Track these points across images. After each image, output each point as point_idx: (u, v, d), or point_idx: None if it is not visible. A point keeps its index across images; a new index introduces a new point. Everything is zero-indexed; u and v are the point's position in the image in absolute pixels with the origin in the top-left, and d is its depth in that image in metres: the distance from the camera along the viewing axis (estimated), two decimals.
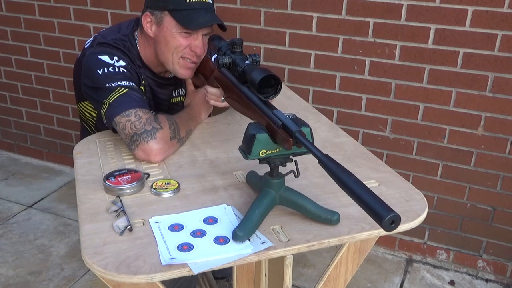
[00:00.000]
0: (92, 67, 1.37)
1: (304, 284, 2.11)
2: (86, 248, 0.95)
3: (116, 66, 1.38)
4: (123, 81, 1.35)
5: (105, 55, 1.39)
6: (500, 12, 1.78)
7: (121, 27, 1.51)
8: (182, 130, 1.37)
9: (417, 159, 2.11)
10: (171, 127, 1.32)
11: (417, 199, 1.15)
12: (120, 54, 1.42)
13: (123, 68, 1.38)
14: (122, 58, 1.40)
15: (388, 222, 0.71)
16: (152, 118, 1.30)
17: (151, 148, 1.26)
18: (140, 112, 1.29)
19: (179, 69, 1.45)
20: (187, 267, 0.90)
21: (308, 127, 1.00)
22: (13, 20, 2.71)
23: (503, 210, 2.05)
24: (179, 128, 1.35)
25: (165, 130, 1.29)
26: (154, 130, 1.27)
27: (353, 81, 2.09)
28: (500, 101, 1.89)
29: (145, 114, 1.30)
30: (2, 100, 3.01)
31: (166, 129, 1.30)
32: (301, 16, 2.08)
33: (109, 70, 1.36)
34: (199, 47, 1.41)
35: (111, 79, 1.34)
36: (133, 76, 1.41)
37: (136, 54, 1.48)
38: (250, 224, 0.99)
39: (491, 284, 2.14)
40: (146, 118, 1.28)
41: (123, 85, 1.34)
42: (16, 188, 2.77)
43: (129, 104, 1.30)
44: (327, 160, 0.84)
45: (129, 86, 1.34)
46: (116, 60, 1.39)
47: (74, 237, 2.35)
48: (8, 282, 2.06)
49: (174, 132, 1.32)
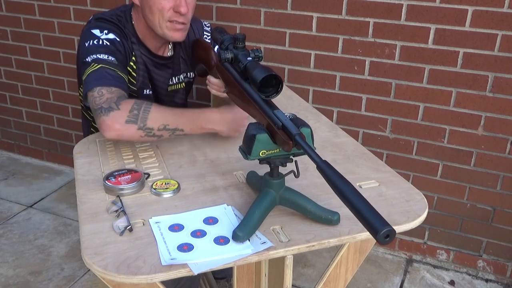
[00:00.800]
0: (82, 40, 1.42)
1: (304, 284, 2.11)
2: (86, 248, 0.95)
3: (102, 39, 1.39)
4: (101, 55, 1.35)
5: (96, 28, 1.41)
6: (500, 12, 1.78)
7: (120, 7, 1.54)
8: (155, 122, 1.26)
9: (417, 159, 2.11)
10: (132, 111, 1.25)
11: (417, 199, 1.15)
12: (113, 27, 1.43)
13: (109, 41, 1.39)
14: (112, 31, 1.42)
15: (383, 236, 0.71)
16: (114, 99, 1.27)
17: (102, 122, 1.25)
18: (104, 90, 1.29)
19: (168, 33, 1.45)
20: (187, 268, 0.90)
21: (308, 127, 1.00)
22: (13, 20, 2.71)
23: (503, 210, 2.05)
24: (148, 118, 1.26)
25: (121, 112, 1.25)
26: (109, 109, 1.25)
27: (353, 81, 2.09)
28: (500, 101, 1.89)
29: (109, 93, 1.29)
30: (2, 100, 3.01)
31: (124, 111, 1.25)
32: (301, 16, 2.08)
33: (93, 43, 1.38)
34: (182, 6, 1.40)
35: (90, 53, 1.35)
36: (118, 50, 1.41)
37: (131, 30, 1.49)
38: (250, 224, 0.99)
39: (491, 284, 2.14)
40: (108, 98, 1.28)
41: (100, 58, 1.34)
42: (16, 188, 2.77)
43: (97, 81, 1.31)
44: (325, 166, 0.84)
45: (105, 60, 1.35)
46: (106, 33, 1.40)
47: (74, 237, 2.35)
48: (8, 282, 2.06)
49: (135, 117, 1.25)
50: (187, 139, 1.43)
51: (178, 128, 1.29)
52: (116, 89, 1.31)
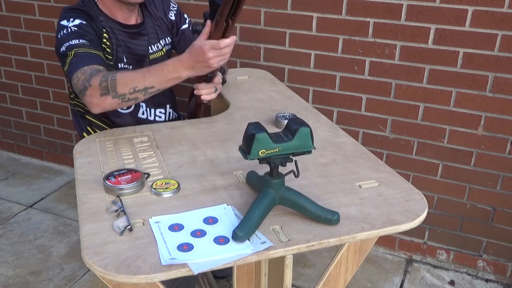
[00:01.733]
0: (56, 35, 1.48)
1: (304, 284, 2.11)
2: (86, 248, 0.95)
3: (69, 27, 1.45)
4: (73, 40, 1.42)
5: (64, 19, 1.48)
6: (500, 12, 1.78)
7: None
8: (121, 87, 1.32)
9: (417, 159, 2.11)
10: (101, 84, 1.32)
11: (417, 199, 1.15)
12: (78, 14, 1.49)
13: (76, 26, 1.45)
14: (78, 17, 1.48)
15: None
16: (86, 77, 1.35)
17: (85, 102, 1.37)
18: (79, 74, 1.37)
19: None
20: (187, 267, 0.90)
21: (308, 127, 1.00)
22: (13, 20, 2.71)
23: (503, 210, 2.05)
24: (115, 84, 1.31)
25: (93, 88, 1.33)
26: (85, 89, 1.35)
27: (353, 81, 2.09)
28: (500, 101, 1.89)
29: (83, 74, 1.36)
30: (2, 100, 3.01)
31: (95, 86, 1.33)
32: (301, 16, 2.08)
33: (64, 32, 1.44)
34: None
35: (63, 42, 1.43)
36: (86, 32, 1.47)
37: (97, 11, 1.55)
38: (250, 224, 0.99)
39: (491, 284, 2.14)
40: (82, 79, 1.36)
41: (72, 44, 1.41)
42: (16, 188, 2.77)
43: (74, 67, 1.39)
44: None
45: (77, 44, 1.41)
46: (72, 21, 1.47)
47: (74, 237, 2.35)
48: (8, 282, 2.06)
49: (105, 89, 1.32)
50: (187, 139, 1.44)
51: (147, 86, 1.33)
52: (88, 67, 1.38)
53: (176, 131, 1.49)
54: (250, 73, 2.09)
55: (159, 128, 1.51)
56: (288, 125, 1.03)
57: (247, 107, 1.69)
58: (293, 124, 1.01)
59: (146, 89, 1.33)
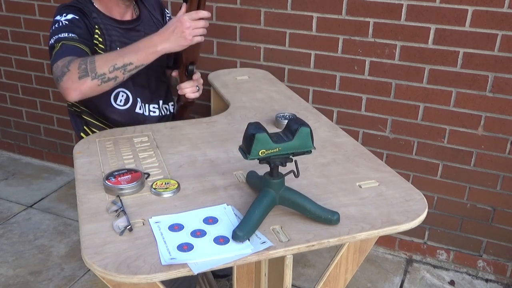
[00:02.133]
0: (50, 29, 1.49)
1: (304, 284, 2.11)
2: (86, 248, 0.95)
3: (62, 21, 1.46)
4: (62, 34, 1.43)
5: (58, 15, 1.49)
6: (500, 12, 1.78)
7: None
8: (101, 66, 1.33)
9: (417, 159, 2.11)
10: (80, 67, 1.32)
11: (417, 199, 1.15)
12: (71, 10, 1.50)
13: (68, 21, 1.47)
14: (71, 12, 1.49)
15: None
16: (65, 64, 1.35)
17: (61, 89, 1.35)
18: (59, 62, 1.37)
19: None
20: (187, 267, 0.90)
21: (308, 127, 1.00)
22: (13, 20, 2.71)
23: (503, 210, 2.05)
24: (95, 65, 1.33)
25: (72, 72, 1.33)
26: (62, 74, 1.34)
27: (353, 81, 2.09)
28: (500, 101, 1.89)
29: (62, 61, 1.36)
30: (2, 100, 3.01)
31: (74, 70, 1.33)
32: (301, 16, 2.08)
33: (55, 26, 1.46)
34: None
35: (53, 35, 1.44)
36: (77, 26, 1.47)
37: (91, 8, 1.55)
38: (250, 224, 0.99)
39: (491, 284, 2.14)
40: (61, 66, 1.35)
41: (61, 37, 1.42)
42: (16, 188, 2.77)
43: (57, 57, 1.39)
44: None
45: (65, 37, 1.42)
46: (65, 16, 1.48)
47: (74, 237, 2.35)
48: (8, 282, 2.06)
49: (85, 71, 1.32)
50: (187, 139, 1.44)
51: (126, 63, 1.33)
52: (70, 57, 1.38)
53: (176, 131, 1.49)
54: (250, 73, 2.09)
55: (159, 128, 1.51)
56: (288, 125, 1.03)
57: (247, 107, 1.69)
58: (293, 124, 1.01)
59: (125, 66, 1.34)
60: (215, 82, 1.94)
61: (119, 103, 1.59)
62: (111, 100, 1.57)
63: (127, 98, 1.60)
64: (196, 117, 1.83)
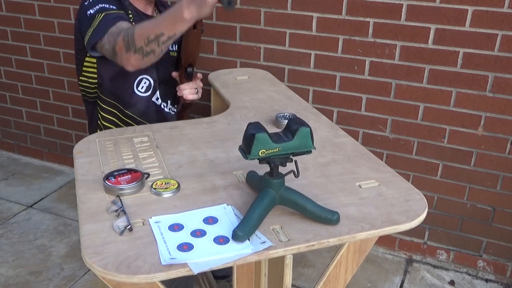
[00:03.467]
0: (82, 2, 1.51)
1: (304, 284, 2.11)
2: (86, 248, 0.95)
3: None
4: (104, 4, 1.45)
5: None
6: (500, 12, 1.78)
7: None
8: (138, 39, 1.30)
9: (417, 159, 2.11)
10: (124, 39, 1.33)
11: (417, 199, 1.15)
12: None
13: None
14: None
15: None
16: (114, 36, 1.38)
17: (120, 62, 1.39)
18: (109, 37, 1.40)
19: None
20: (187, 267, 0.90)
21: (308, 127, 1.00)
22: (13, 20, 2.71)
23: (503, 210, 2.05)
24: (134, 38, 1.31)
25: (119, 44, 1.35)
26: (114, 47, 1.38)
27: (353, 81, 2.09)
28: (500, 101, 1.90)
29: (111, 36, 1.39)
30: (2, 100, 3.01)
31: (120, 42, 1.34)
32: (301, 16, 2.08)
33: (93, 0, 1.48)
34: None
35: (93, 5, 1.46)
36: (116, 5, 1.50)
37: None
38: (250, 224, 0.99)
39: (491, 284, 2.14)
40: (110, 40, 1.39)
41: (103, 7, 1.45)
42: (16, 188, 2.77)
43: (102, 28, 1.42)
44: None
45: (107, 8, 1.45)
46: None
47: (74, 237, 2.35)
48: (8, 282, 2.06)
49: (128, 44, 1.32)
50: (187, 139, 1.44)
51: (158, 34, 1.29)
52: (115, 27, 1.40)
53: (176, 131, 1.49)
54: (250, 73, 2.09)
55: (159, 128, 1.51)
56: (288, 125, 1.03)
57: (247, 107, 1.69)
58: (293, 124, 1.01)
59: (157, 37, 1.29)
60: (215, 82, 1.94)
61: (140, 89, 1.65)
62: (134, 86, 1.64)
63: (149, 85, 1.66)
64: (196, 117, 1.84)
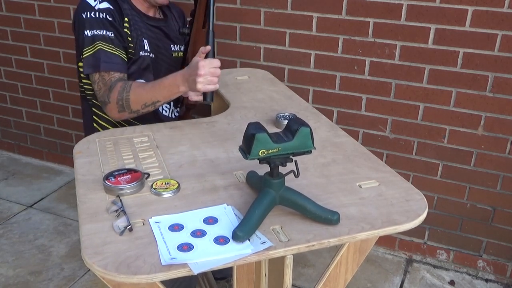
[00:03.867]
0: (79, 10, 1.53)
1: (304, 284, 2.11)
2: (86, 248, 0.95)
3: (97, 11, 1.51)
4: (99, 31, 1.50)
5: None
6: (500, 12, 1.78)
7: None
8: (134, 104, 1.47)
9: (417, 159, 2.11)
10: (118, 103, 1.47)
11: (417, 199, 1.15)
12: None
13: (103, 12, 1.51)
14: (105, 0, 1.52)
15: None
16: (106, 91, 1.49)
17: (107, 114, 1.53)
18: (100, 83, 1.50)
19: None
20: (187, 267, 0.90)
21: (308, 127, 1.00)
22: (13, 20, 2.71)
23: (503, 210, 2.05)
24: (129, 103, 1.47)
25: (112, 104, 1.49)
26: (105, 103, 1.51)
27: (353, 81, 2.09)
28: (500, 101, 1.90)
29: (104, 84, 1.49)
30: (2, 100, 3.01)
31: (113, 104, 1.48)
32: (301, 16, 2.08)
33: (91, 15, 1.50)
34: None
35: (89, 27, 1.50)
36: (114, 20, 1.52)
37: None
38: (250, 224, 0.99)
39: (491, 284, 2.14)
40: (104, 90, 1.50)
41: (98, 35, 1.49)
42: (16, 188, 2.77)
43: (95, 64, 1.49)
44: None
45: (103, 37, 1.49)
46: (99, 2, 1.52)
47: (74, 237, 2.35)
48: (8, 282, 2.06)
49: (122, 107, 1.48)
50: (187, 139, 1.44)
51: (154, 101, 1.47)
52: (109, 76, 1.50)
53: (176, 131, 1.49)
54: (250, 73, 2.09)
55: (159, 128, 1.51)
56: (288, 125, 1.03)
57: (247, 107, 1.69)
58: (293, 124, 1.01)
59: (154, 103, 1.48)
60: None
61: None
62: None
63: None
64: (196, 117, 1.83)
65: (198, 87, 1.36)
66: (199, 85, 1.35)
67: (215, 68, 1.37)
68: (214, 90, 1.40)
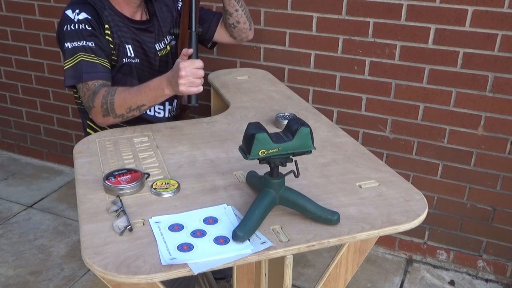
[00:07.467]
0: (61, 24, 1.54)
1: (304, 284, 2.11)
2: (86, 248, 0.95)
3: (76, 22, 1.50)
4: (79, 42, 1.49)
5: (69, 9, 1.52)
6: (500, 12, 1.78)
7: None
8: (118, 108, 1.43)
9: (417, 159, 2.11)
10: (103, 107, 1.44)
11: (417, 199, 1.15)
12: (83, 6, 1.52)
13: (82, 23, 1.49)
14: (84, 10, 1.51)
15: None
16: (90, 96, 1.47)
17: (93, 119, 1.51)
18: (84, 89, 1.49)
19: None
20: (187, 267, 0.90)
21: (308, 127, 1.00)
22: (13, 20, 2.71)
23: (503, 210, 2.05)
24: (114, 107, 1.43)
25: (96, 109, 1.46)
26: (89, 108, 1.48)
27: (353, 81, 2.09)
28: (500, 101, 1.89)
29: (88, 90, 1.48)
30: (2, 100, 3.01)
31: (98, 108, 1.45)
32: (301, 16, 2.08)
33: (71, 27, 1.50)
34: None
35: (70, 39, 1.49)
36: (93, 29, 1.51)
37: (105, 2, 1.58)
38: (250, 224, 0.99)
39: (491, 284, 2.14)
40: (88, 96, 1.48)
41: (78, 46, 1.48)
42: (16, 188, 2.77)
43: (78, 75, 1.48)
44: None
45: (83, 48, 1.48)
46: (77, 13, 1.51)
47: (74, 237, 2.35)
48: (8, 282, 2.06)
49: (106, 111, 1.45)
50: (187, 139, 1.44)
51: (139, 105, 1.44)
52: (92, 82, 1.48)
53: (176, 131, 1.49)
54: (250, 73, 2.09)
55: (159, 128, 1.51)
56: (288, 125, 1.03)
57: (247, 107, 1.69)
58: (293, 124, 1.01)
59: (139, 107, 1.44)
60: (215, 82, 1.94)
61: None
62: None
63: None
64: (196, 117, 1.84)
65: (181, 89, 1.32)
66: (181, 87, 1.32)
67: (197, 69, 1.33)
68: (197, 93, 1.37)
